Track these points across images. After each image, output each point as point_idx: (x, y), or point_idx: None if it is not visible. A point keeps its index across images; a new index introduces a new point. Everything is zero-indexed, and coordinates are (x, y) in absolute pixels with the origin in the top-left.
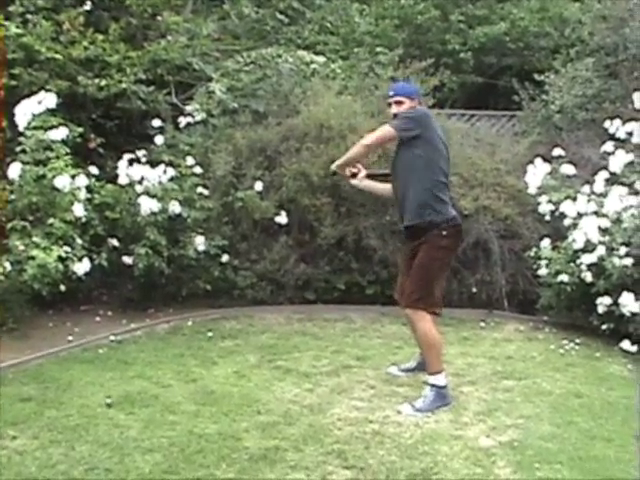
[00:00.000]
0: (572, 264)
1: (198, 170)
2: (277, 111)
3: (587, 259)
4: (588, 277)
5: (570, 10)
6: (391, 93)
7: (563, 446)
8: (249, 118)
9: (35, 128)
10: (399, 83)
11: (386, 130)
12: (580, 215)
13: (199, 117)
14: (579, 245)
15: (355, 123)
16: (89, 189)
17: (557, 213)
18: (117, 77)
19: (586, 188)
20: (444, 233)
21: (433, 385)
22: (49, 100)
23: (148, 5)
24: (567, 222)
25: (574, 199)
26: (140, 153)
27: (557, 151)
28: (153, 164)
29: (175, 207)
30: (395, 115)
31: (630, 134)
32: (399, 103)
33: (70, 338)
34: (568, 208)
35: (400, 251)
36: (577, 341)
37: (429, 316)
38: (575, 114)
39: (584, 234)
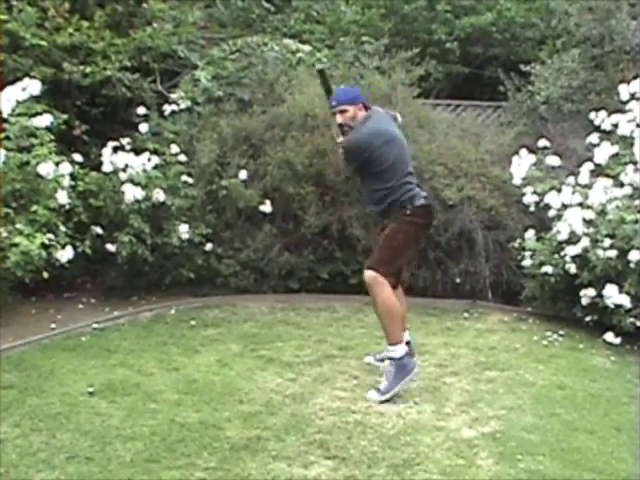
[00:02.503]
0: (556, 255)
1: (183, 158)
2: (262, 99)
3: (571, 251)
4: (572, 269)
5: (557, 1)
6: (333, 103)
7: (545, 438)
8: (234, 106)
9: (19, 115)
10: (339, 90)
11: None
12: (565, 206)
13: (184, 105)
14: (563, 236)
15: None
16: (73, 176)
17: (542, 204)
18: (102, 64)
19: (571, 179)
20: (408, 212)
21: (392, 358)
22: (33, 87)
23: None
24: (552, 213)
25: (559, 190)
26: (124, 141)
27: (542, 142)
28: (137, 152)
29: (159, 195)
30: (341, 125)
31: (615, 126)
32: (343, 112)
33: (53, 326)
34: (553, 199)
35: None
36: (561, 332)
37: (388, 284)
38: (561, 105)
39: (568, 225)
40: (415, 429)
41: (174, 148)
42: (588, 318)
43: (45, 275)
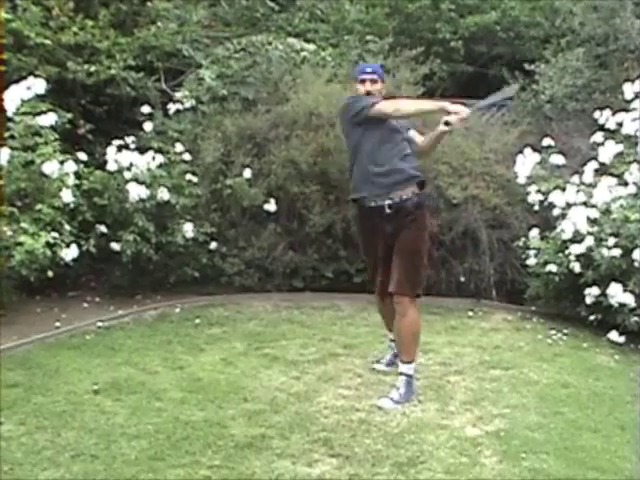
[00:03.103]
0: (561, 254)
1: (187, 157)
2: (267, 98)
3: (576, 249)
4: (576, 267)
5: (561, 0)
6: (369, 70)
7: (549, 436)
8: (238, 105)
9: (24, 114)
10: (372, 64)
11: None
12: (569, 205)
13: (188, 104)
14: (568, 235)
15: None
16: (78, 175)
17: (546, 203)
18: (106, 63)
19: (575, 178)
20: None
21: (408, 375)
22: (38, 86)
23: None
24: (556, 212)
25: (563, 189)
26: (129, 139)
27: (547, 141)
28: (142, 151)
29: (164, 194)
30: (368, 93)
31: (620, 125)
32: (374, 82)
33: (57, 324)
34: (557, 198)
35: None
36: (565, 331)
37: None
38: (565, 104)
39: (573, 224)
40: (419, 427)
41: (178, 147)
42: (592, 317)
43: (50, 274)
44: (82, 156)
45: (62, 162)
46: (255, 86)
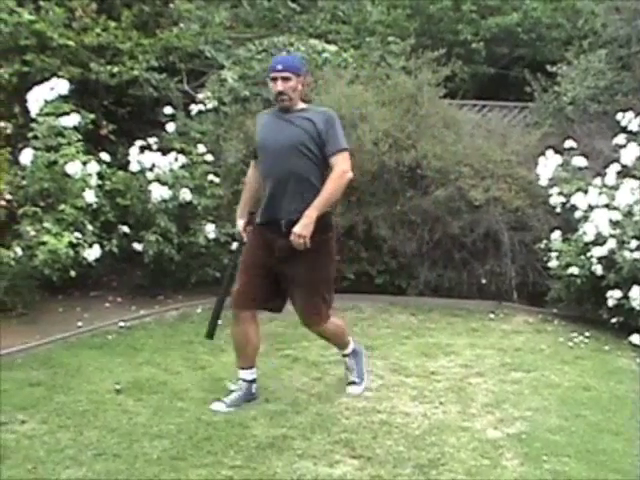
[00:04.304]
0: (582, 257)
1: (209, 158)
2: None
3: (598, 252)
4: (598, 270)
5: (583, 1)
6: (279, 67)
7: (571, 439)
8: (260, 106)
9: (47, 114)
10: (282, 57)
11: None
12: (591, 208)
13: (210, 105)
14: (590, 238)
15: (366, 112)
16: (100, 175)
17: (568, 205)
18: (129, 64)
19: (597, 180)
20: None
21: (350, 354)
22: (61, 86)
23: None
24: (578, 214)
25: (585, 191)
26: (151, 140)
27: (569, 143)
28: (164, 151)
29: (186, 194)
30: (280, 93)
31: None
32: (286, 80)
33: (79, 324)
34: (579, 200)
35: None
36: (586, 334)
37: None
38: (587, 106)
39: (595, 227)
40: (440, 429)
41: (201, 148)
42: (614, 320)
43: (72, 273)
44: (105, 157)
45: (85, 162)
46: None
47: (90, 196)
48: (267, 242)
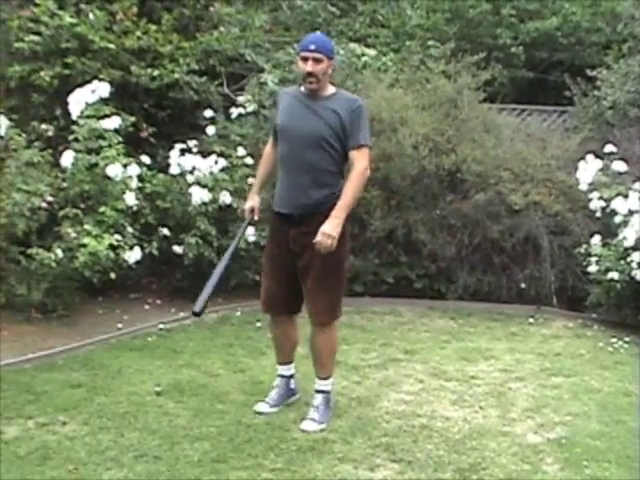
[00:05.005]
0: (622, 262)
1: (249, 161)
2: None
3: (638, 257)
4: (638, 275)
5: (622, 5)
6: (312, 47)
7: (611, 444)
8: None
9: (88, 117)
10: (317, 35)
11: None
12: (631, 212)
13: (250, 108)
14: (630, 243)
15: (406, 116)
16: (140, 178)
17: (608, 210)
18: (170, 67)
19: (638, 185)
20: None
21: (325, 392)
22: (102, 89)
23: None
24: (618, 219)
25: (625, 196)
26: (191, 143)
27: (609, 147)
28: (204, 154)
29: (226, 197)
30: (310, 74)
31: None
32: (318, 61)
33: (119, 326)
34: (619, 205)
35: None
36: (626, 339)
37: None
38: (627, 110)
39: (635, 232)
40: (481, 434)
41: (241, 151)
42: None
43: (112, 276)
44: (145, 159)
45: (125, 165)
46: None
47: (130, 198)
48: (282, 233)
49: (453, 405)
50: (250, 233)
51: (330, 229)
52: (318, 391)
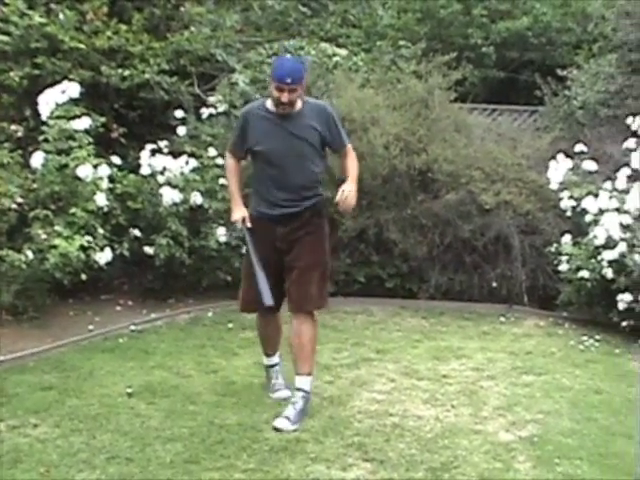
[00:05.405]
0: (593, 260)
1: (220, 161)
2: None
3: (608, 255)
4: (609, 273)
5: (593, 6)
6: (288, 80)
7: (583, 442)
8: None
9: (58, 117)
10: (293, 65)
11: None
12: (602, 211)
13: (221, 108)
14: (600, 241)
15: (377, 116)
16: (111, 179)
17: (578, 209)
18: (140, 67)
19: (608, 184)
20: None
21: (306, 391)
22: (72, 89)
23: None
24: (588, 218)
25: (596, 195)
26: (162, 144)
27: (579, 147)
28: (175, 155)
29: (197, 198)
30: (284, 104)
31: None
32: (293, 91)
33: (91, 327)
34: (590, 204)
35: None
36: (597, 337)
37: None
38: (597, 110)
39: (605, 230)
40: (453, 432)
41: (211, 151)
42: (625, 323)
43: (83, 277)
44: (116, 160)
45: (96, 166)
46: None
47: (101, 199)
48: (268, 234)
49: (425, 404)
50: (221, 234)
51: (351, 186)
52: (299, 389)
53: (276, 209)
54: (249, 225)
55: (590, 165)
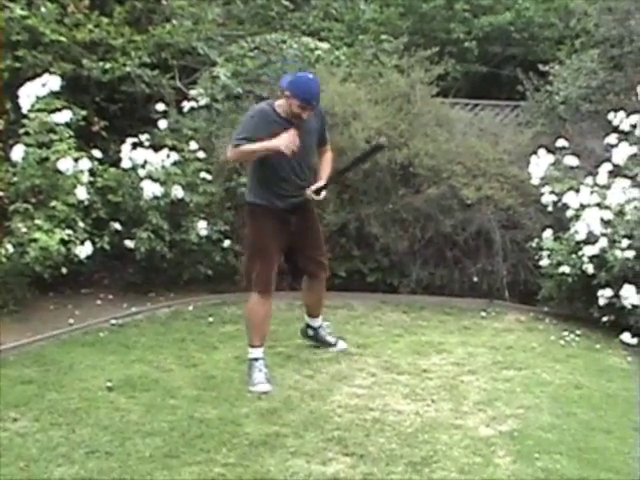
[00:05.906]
0: (574, 255)
1: (201, 155)
2: (281, 97)
3: (589, 251)
4: (590, 269)
5: (575, 1)
6: (314, 103)
7: (563, 437)
8: (253, 103)
9: (39, 110)
10: (316, 86)
11: None
12: (583, 207)
13: (203, 102)
14: (581, 237)
15: (359, 110)
16: (92, 172)
17: (560, 204)
18: (121, 60)
19: (589, 180)
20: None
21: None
22: (53, 83)
23: None
24: (570, 213)
25: (577, 190)
26: (143, 137)
27: (561, 142)
28: (156, 148)
29: (178, 191)
30: (299, 118)
31: (634, 126)
32: (313, 109)
33: (71, 321)
34: (571, 199)
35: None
36: (577, 332)
37: None
38: (579, 105)
39: (586, 226)
40: (433, 427)
41: (193, 145)
42: (605, 318)
43: (64, 271)
44: (96, 153)
45: (77, 159)
46: (269, 84)
47: (82, 193)
48: (281, 219)
49: (405, 399)
50: (202, 227)
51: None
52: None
53: (287, 200)
54: (298, 142)
55: (571, 160)
